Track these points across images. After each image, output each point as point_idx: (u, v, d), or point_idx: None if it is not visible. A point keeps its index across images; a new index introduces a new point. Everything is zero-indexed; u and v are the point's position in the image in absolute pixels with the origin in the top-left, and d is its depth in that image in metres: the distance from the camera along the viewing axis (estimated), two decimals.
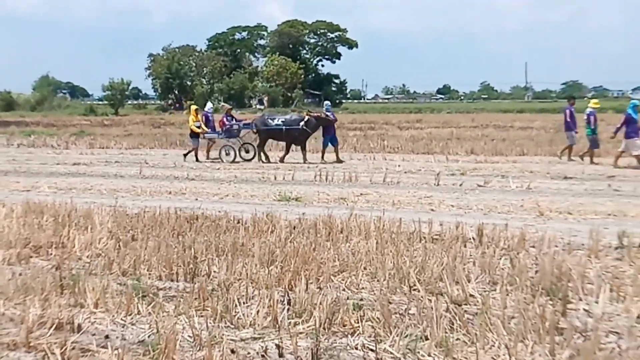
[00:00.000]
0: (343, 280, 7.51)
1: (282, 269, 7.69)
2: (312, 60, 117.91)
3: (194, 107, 24.36)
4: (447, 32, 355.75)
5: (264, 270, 7.74)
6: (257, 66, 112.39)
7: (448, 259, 7.92)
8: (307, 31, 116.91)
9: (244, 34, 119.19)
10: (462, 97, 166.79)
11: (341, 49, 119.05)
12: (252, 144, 23.13)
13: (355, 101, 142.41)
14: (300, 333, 5.90)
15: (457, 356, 5.32)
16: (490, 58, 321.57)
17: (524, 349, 5.44)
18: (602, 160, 20.79)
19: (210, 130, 23.50)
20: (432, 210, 12.51)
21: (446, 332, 5.78)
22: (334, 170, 18.63)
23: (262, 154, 22.43)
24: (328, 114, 22.49)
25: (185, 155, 23.50)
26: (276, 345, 5.59)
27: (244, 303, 6.68)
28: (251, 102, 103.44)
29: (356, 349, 5.59)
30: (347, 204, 12.99)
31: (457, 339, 5.70)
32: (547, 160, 22.31)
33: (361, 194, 14.83)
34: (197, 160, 23.06)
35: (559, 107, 79.43)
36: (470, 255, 8.34)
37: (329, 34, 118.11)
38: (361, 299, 6.81)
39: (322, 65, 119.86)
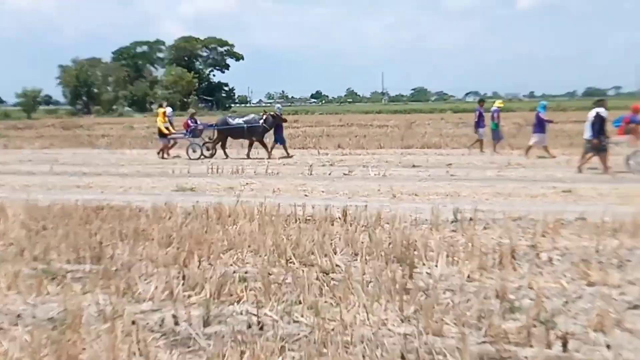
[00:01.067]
0: (230, 257, 7.58)
1: (178, 250, 7.67)
2: (204, 70, 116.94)
3: (161, 110, 23.18)
4: (319, 48, 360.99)
5: (162, 251, 7.70)
6: (157, 76, 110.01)
7: (318, 236, 8.12)
8: (200, 46, 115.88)
9: (145, 47, 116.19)
10: (331, 101, 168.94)
11: (229, 60, 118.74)
12: (199, 144, 22.33)
13: (242, 105, 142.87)
14: (193, 304, 5.95)
15: (325, 316, 5.50)
16: (354, 69, 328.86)
17: (379, 307, 5.71)
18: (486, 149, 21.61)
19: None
20: (306, 195, 12.70)
21: (316, 297, 5.98)
22: (223, 164, 18.54)
23: (223, 150, 22.03)
24: (278, 112, 22.01)
25: (159, 152, 22.73)
26: (172, 315, 5.62)
27: (144, 280, 6.63)
28: (152, 106, 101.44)
29: (241, 314, 5.70)
30: (235, 193, 12.99)
31: (325, 302, 5.91)
32: (425, 152, 22.92)
33: (247, 183, 14.85)
34: (162, 157, 22.35)
35: (410, 109, 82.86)
36: (337, 232, 8.56)
37: (219, 48, 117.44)
38: (246, 272, 6.89)
39: (214, 75, 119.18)
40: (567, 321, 5.31)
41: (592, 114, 15.63)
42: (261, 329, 5.32)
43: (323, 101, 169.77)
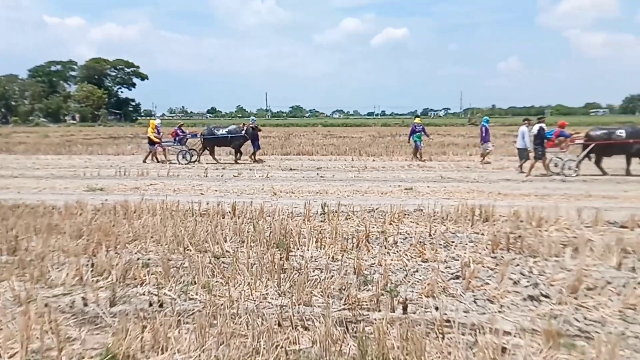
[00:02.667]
0: (135, 246, 7.24)
1: (88, 241, 7.23)
2: (113, 87, 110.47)
3: (153, 121, 21.54)
4: (214, 70, 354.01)
5: (73, 243, 7.22)
6: (70, 91, 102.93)
7: (211, 227, 7.97)
8: (109, 66, 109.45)
9: (59, 66, 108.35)
10: (224, 115, 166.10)
11: (136, 80, 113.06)
12: (195, 150, 21.27)
13: (148, 118, 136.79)
14: (101, 287, 5.63)
15: (216, 293, 5.41)
16: (243, 88, 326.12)
17: (261, 284, 5.68)
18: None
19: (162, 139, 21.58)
20: (202, 194, 12.40)
21: (209, 277, 5.85)
22: (130, 168, 17.73)
23: (206, 156, 21.12)
24: (252, 125, 21.02)
25: (151, 159, 21.35)
26: (82, 297, 5.30)
27: (56, 268, 6.19)
28: (65, 118, 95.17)
29: (144, 295, 5.46)
30: (140, 192, 12.45)
31: (217, 282, 5.80)
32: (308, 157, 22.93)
33: (151, 184, 14.26)
34: (145, 161, 21.04)
35: (288, 123, 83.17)
36: (227, 224, 8.41)
37: (125, 69, 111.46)
38: (148, 259, 6.61)
39: (122, 92, 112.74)
40: (407, 290, 5.54)
41: (535, 127, 15.73)
42: (161, 306, 5.12)
43: (217, 116, 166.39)
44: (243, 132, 20.47)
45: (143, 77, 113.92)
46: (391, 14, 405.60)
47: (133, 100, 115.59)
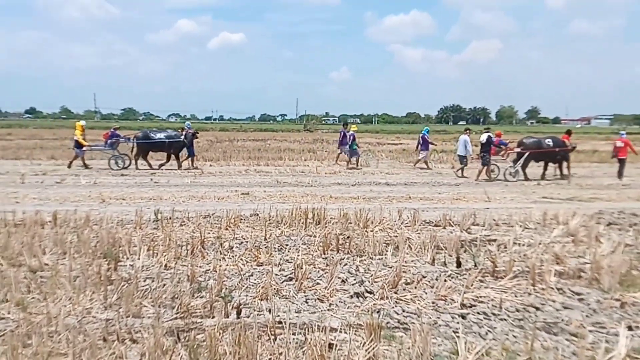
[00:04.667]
0: None
1: None
2: None
3: (79, 123, 19.36)
4: (33, 67, 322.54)
5: None
6: None
7: (28, 238, 7.21)
8: None
9: None
10: (46, 117, 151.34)
11: None
12: (128, 154, 19.35)
13: None
14: None
15: (32, 311, 4.92)
16: (67, 88, 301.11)
17: (85, 297, 5.29)
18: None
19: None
20: (17, 202, 11.19)
21: (23, 294, 5.31)
22: None
23: (139, 161, 19.14)
24: (191, 131, 19.67)
25: (69, 164, 19.06)
26: None
27: None
28: None
29: None
30: None
31: (33, 298, 5.28)
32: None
33: None
34: (70, 166, 18.82)
35: (121, 126, 78.37)
36: (47, 234, 7.70)
37: None
38: None
39: None
40: (241, 294, 5.55)
41: (484, 136, 16.94)
42: None
43: (37, 117, 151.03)
44: (182, 137, 19.35)
45: None
46: (227, 18, 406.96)
47: None
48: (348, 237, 7.83)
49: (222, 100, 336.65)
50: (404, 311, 5.19)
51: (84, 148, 18.96)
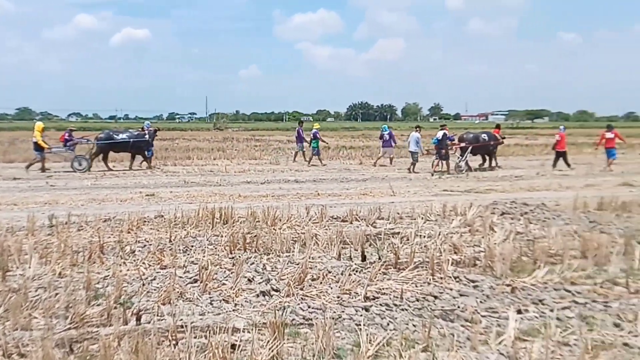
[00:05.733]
0: None
1: None
2: None
3: (40, 124, 18.64)
4: None
5: None
6: None
7: None
8: None
9: None
10: None
11: None
12: (85, 156, 18.34)
13: None
14: None
15: None
16: None
17: None
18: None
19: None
20: None
21: None
22: None
23: (99, 162, 18.70)
24: (151, 129, 19.74)
25: (28, 166, 17.75)
26: None
27: None
28: None
29: None
30: None
31: None
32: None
33: None
34: (28, 168, 17.57)
35: (15, 127, 72.81)
36: None
37: None
38: None
39: None
40: (142, 300, 5.34)
41: (440, 133, 18.26)
42: None
43: None
44: (146, 136, 19.07)
45: None
46: (130, 13, 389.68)
47: None
48: (255, 236, 7.76)
49: (127, 99, 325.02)
50: (309, 307, 5.21)
51: (45, 151, 18.02)
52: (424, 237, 8.00)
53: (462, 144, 19.13)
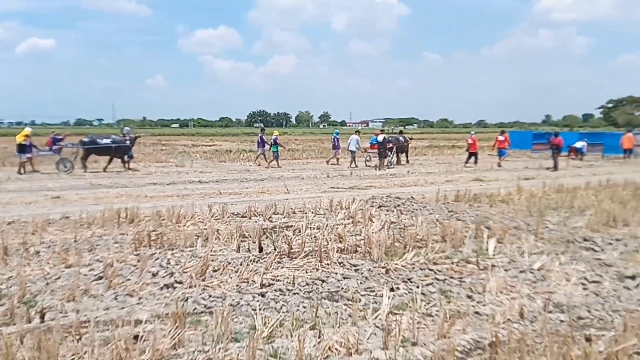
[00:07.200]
0: None
1: None
2: None
3: (27, 130, 17.79)
4: None
5: None
6: None
7: None
8: None
9: None
10: None
11: None
12: (69, 159, 17.81)
13: None
14: None
15: None
16: None
17: None
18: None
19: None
20: None
21: None
22: None
23: (84, 165, 17.97)
24: (132, 135, 19.37)
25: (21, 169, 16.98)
26: None
27: None
28: None
29: None
30: None
31: None
32: None
33: None
34: (23, 172, 16.92)
35: None
36: None
37: None
38: None
39: None
40: (47, 298, 4.93)
41: (381, 137, 19.81)
42: None
43: None
44: (128, 141, 18.61)
45: None
46: (36, 24, 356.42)
47: None
48: (160, 233, 7.45)
49: (33, 106, 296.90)
50: (210, 296, 5.09)
51: (33, 152, 17.57)
52: (314, 229, 8.12)
53: (390, 145, 20.52)
